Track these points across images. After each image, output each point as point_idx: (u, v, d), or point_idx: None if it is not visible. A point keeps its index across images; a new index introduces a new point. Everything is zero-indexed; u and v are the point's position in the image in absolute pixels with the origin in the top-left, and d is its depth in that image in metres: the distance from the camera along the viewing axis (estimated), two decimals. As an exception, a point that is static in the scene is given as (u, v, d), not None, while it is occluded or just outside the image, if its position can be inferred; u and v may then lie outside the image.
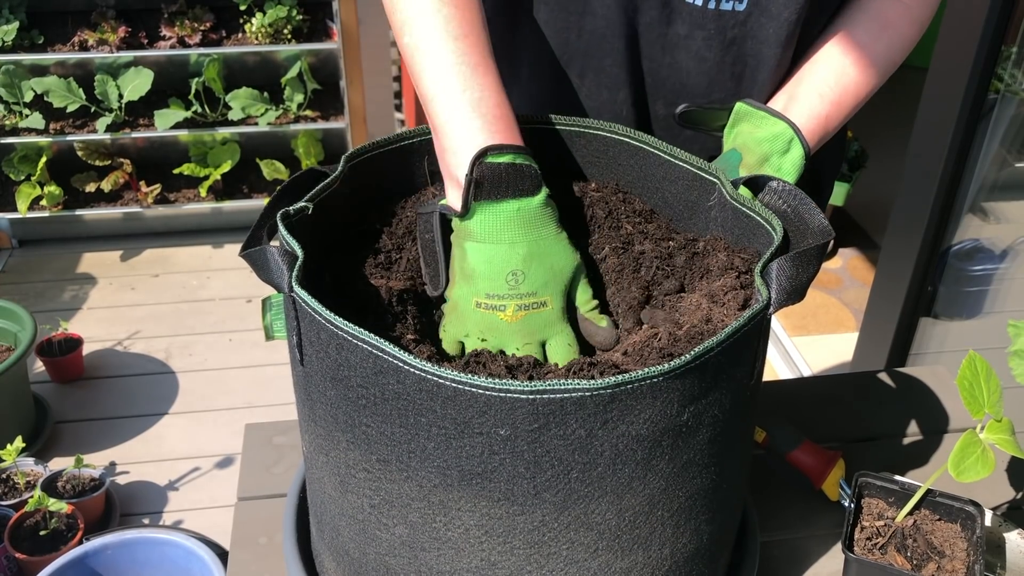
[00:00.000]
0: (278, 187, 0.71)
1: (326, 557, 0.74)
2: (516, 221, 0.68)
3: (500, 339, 0.70)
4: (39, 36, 2.84)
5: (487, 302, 0.69)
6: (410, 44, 0.73)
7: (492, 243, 0.68)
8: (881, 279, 1.99)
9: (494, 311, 0.69)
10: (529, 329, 0.70)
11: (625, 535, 0.61)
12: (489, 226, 0.68)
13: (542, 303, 0.70)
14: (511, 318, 0.69)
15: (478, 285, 0.69)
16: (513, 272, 0.68)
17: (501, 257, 0.68)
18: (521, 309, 0.69)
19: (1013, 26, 1.61)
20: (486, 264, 0.68)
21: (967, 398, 0.77)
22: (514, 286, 0.69)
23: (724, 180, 0.72)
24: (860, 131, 3.06)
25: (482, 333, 0.70)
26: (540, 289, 0.69)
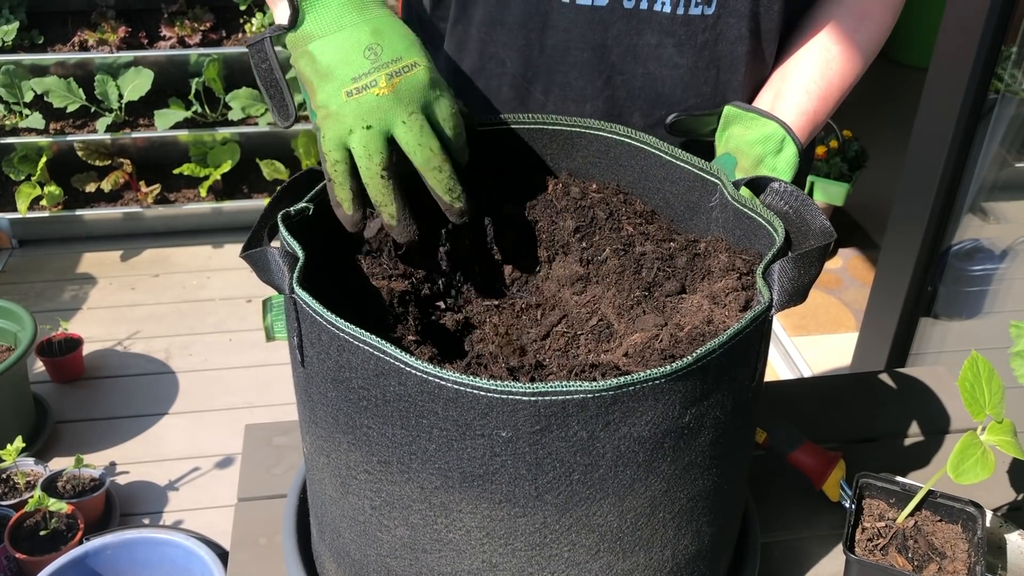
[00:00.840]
0: (278, 187, 0.70)
1: (327, 558, 0.74)
2: (349, 6, 0.67)
3: (384, 118, 0.66)
4: (39, 36, 2.84)
5: (355, 86, 0.66)
6: None
7: (335, 32, 0.66)
8: (881, 279, 1.99)
9: (366, 91, 0.65)
10: (409, 95, 0.66)
11: (627, 537, 0.61)
12: (325, 18, 0.66)
13: (412, 64, 0.67)
14: (386, 88, 0.65)
15: (339, 74, 0.66)
16: (368, 47, 0.66)
17: (350, 40, 0.66)
18: (393, 76, 0.66)
19: (1013, 26, 1.61)
20: (338, 52, 0.66)
21: (968, 399, 0.77)
22: (375, 59, 0.66)
23: (725, 181, 0.72)
24: (860, 131, 3.06)
25: (363, 120, 0.66)
26: (403, 53, 0.67)
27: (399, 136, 0.66)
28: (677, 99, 0.86)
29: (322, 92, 0.66)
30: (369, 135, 0.66)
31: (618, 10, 0.81)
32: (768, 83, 0.87)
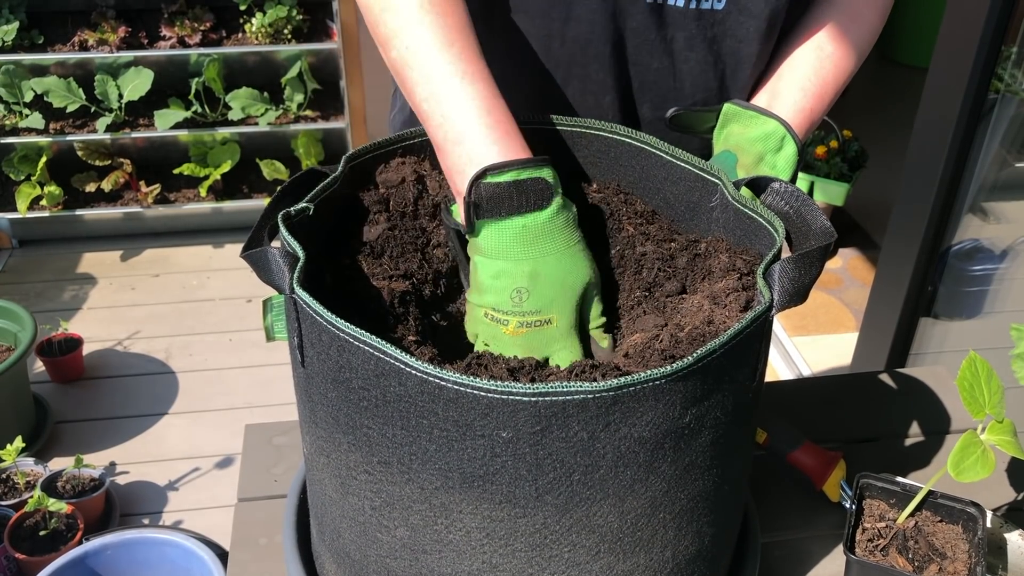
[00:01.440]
0: (278, 187, 0.70)
1: (326, 559, 0.74)
2: (521, 238, 0.68)
3: (501, 349, 0.70)
4: (39, 36, 2.84)
5: (492, 314, 0.69)
6: (398, 58, 0.73)
7: (497, 259, 0.68)
8: (881, 279, 1.99)
9: (497, 324, 0.70)
10: (530, 345, 0.70)
11: (627, 537, 0.61)
12: (494, 243, 0.68)
13: (546, 321, 0.70)
14: (512, 333, 0.70)
15: (485, 298, 0.70)
16: (517, 289, 0.69)
17: (506, 274, 0.68)
18: (523, 326, 0.69)
19: (1013, 26, 1.61)
20: (492, 280, 0.69)
21: (967, 399, 0.77)
22: (517, 303, 0.69)
23: (726, 181, 0.72)
24: (860, 131, 3.06)
25: (486, 340, 0.71)
26: (544, 307, 0.69)
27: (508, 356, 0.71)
28: (686, 93, 0.87)
29: (472, 296, 0.71)
30: (487, 348, 0.71)
31: (639, 3, 0.82)
32: (764, 83, 0.88)
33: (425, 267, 0.74)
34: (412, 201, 0.75)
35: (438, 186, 0.77)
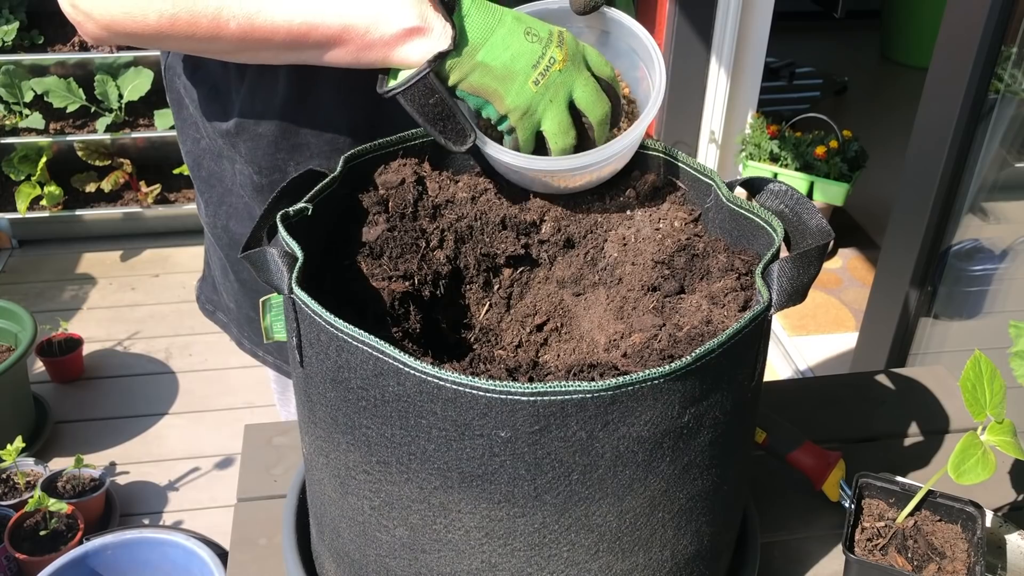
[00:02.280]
0: (278, 188, 0.70)
1: (326, 559, 0.74)
2: (483, 5, 0.67)
3: (567, 87, 0.69)
4: (39, 36, 2.84)
5: (539, 72, 0.68)
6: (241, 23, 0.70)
7: (492, 33, 0.67)
8: (881, 279, 1.99)
9: (550, 70, 0.68)
10: (577, 57, 0.69)
11: (626, 537, 0.61)
12: (478, 26, 0.67)
13: (560, 32, 0.70)
14: (563, 59, 0.68)
15: (520, 68, 0.67)
16: (526, 32, 0.68)
17: (511, 34, 0.67)
18: (560, 45, 0.68)
19: (1013, 26, 1.61)
20: (507, 49, 0.67)
21: (969, 400, 0.77)
22: (538, 38, 0.68)
23: (719, 182, 0.72)
24: (860, 131, 3.06)
25: (554, 99, 0.69)
26: (546, 25, 0.69)
27: (578, 97, 0.70)
28: None
29: (510, 94, 0.68)
30: (560, 113, 0.69)
31: None
32: None
33: (424, 268, 0.74)
34: (412, 202, 0.75)
35: (438, 187, 0.77)
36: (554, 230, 0.78)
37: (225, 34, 0.72)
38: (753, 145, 2.82)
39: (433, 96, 0.68)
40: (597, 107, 0.71)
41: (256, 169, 0.92)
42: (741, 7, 2.52)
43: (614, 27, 0.78)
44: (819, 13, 4.64)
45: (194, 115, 0.95)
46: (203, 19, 0.71)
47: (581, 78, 0.70)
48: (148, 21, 0.73)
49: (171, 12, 0.71)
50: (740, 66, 2.66)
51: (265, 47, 0.72)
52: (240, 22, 0.71)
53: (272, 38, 0.71)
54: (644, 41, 0.76)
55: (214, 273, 1.09)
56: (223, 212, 0.99)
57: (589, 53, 0.72)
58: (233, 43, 0.73)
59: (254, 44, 0.72)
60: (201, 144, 0.96)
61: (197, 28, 0.72)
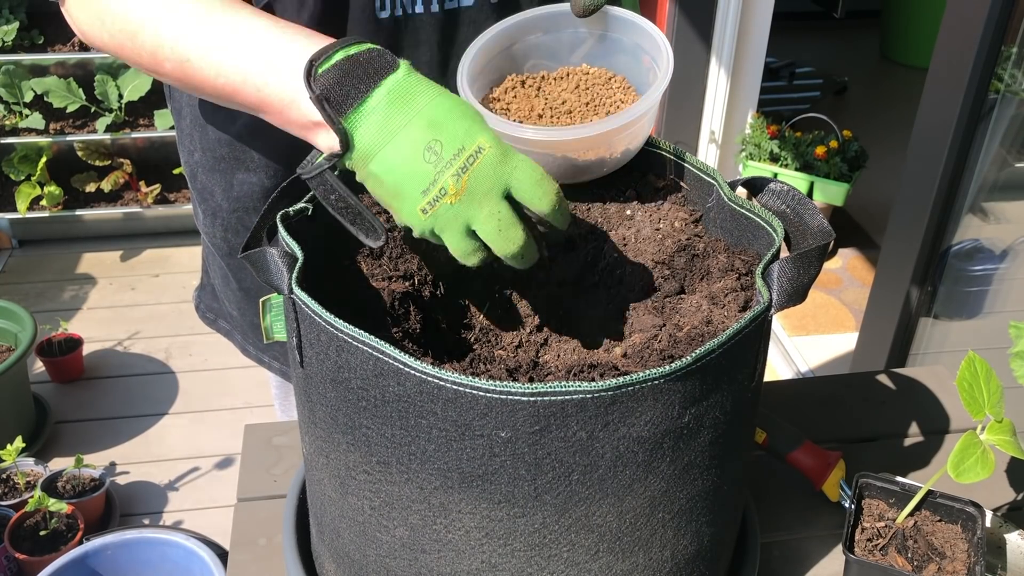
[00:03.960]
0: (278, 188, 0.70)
1: (326, 559, 0.74)
2: (395, 104, 0.60)
3: (462, 221, 0.60)
4: (39, 36, 2.84)
5: (427, 201, 0.60)
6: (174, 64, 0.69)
7: (389, 140, 0.60)
8: (881, 279, 1.99)
9: (438, 202, 0.60)
10: (482, 188, 0.60)
11: (626, 537, 0.61)
12: (373, 129, 0.60)
13: (477, 149, 0.60)
14: (456, 192, 0.59)
15: (409, 192, 0.60)
16: (427, 147, 0.59)
17: (407, 146, 0.59)
18: (461, 174, 0.59)
19: (1013, 26, 1.61)
20: (400, 165, 0.60)
21: (967, 399, 0.77)
22: (437, 159, 0.59)
23: (721, 182, 0.72)
24: (860, 131, 3.06)
25: (445, 231, 0.61)
26: (465, 140, 0.60)
27: (479, 232, 0.61)
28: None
29: (402, 213, 0.62)
30: (456, 241, 0.61)
31: None
32: None
33: (424, 268, 0.74)
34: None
35: None
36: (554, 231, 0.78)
37: (163, 71, 0.71)
38: (753, 145, 2.82)
39: (333, 193, 0.63)
40: (498, 244, 0.62)
41: (270, 174, 0.93)
42: (741, 7, 2.52)
43: (617, 25, 0.78)
44: (819, 13, 4.65)
45: (189, 128, 0.95)
46: (143, 52, 0.71)
47: (482, 213, 0.60)
48: (104, 40, 0.74)
49: (117, 40, 0.72)
50: (740, 66, 2.66)
51: (202, 94, 0.71)
52: (173, 65, 0.70)
53: (203, 88, 0.70)
54: (648, 30, 0.75)
55: (214, 281, 1.09)
56: (218, 224, 0.99)
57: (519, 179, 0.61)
58: (175, 81, 0.72)
59: (192, 88, 0.71)
60: (195, 157, 0.97)
61: (140, 59, 0.72)
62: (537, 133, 0.69)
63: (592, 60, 0.79)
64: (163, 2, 0.69)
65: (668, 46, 0.73)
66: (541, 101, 0.76)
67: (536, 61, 0.79)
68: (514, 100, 0.76)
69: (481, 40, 0.76)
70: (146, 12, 0.69)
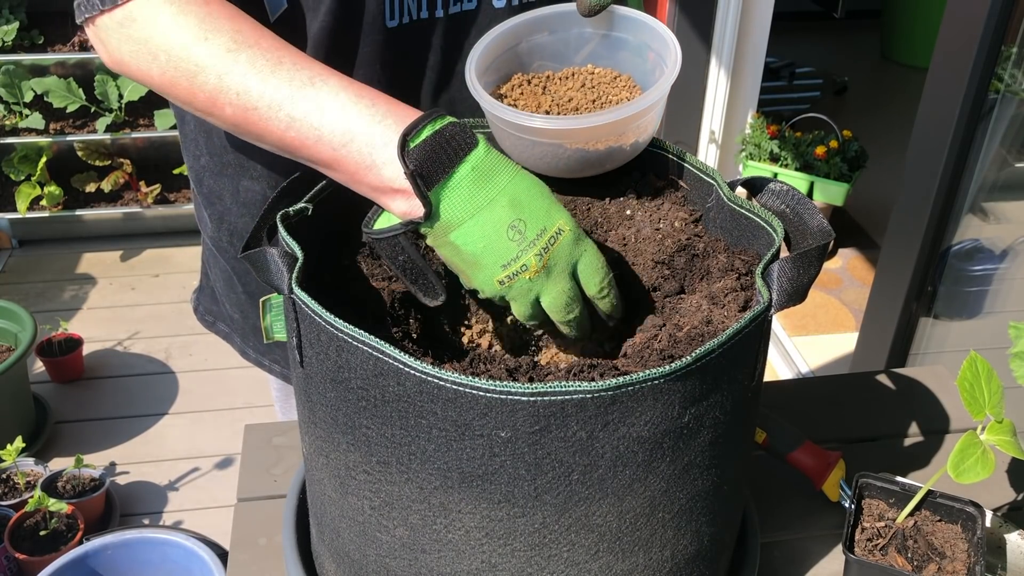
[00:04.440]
0: (278, 187, 0.70)
1: (326, 559, 0.74)
2: (479, 179, 0.62)
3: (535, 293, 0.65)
4: (39, 36, 2.84)
5: (506, 274, 0.64)
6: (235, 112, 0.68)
7: (472, 216, 0.62)
8: (881, 279, 1.99)
9: (518, 276, 0.64)
10: (559, 267, 0.65)
11: (626, 537, 0.61)
12: (458, 204, 0.62)
13: (558, 231, 0.64)
14: (537, 269, 0.64)
15: (488, 263, 0.63)
16: (511, 226, 0.63)
17: (491, 223, 0.63)
18: (543, 253, 0.63)
19: (1013, 26, 1.61)
20: (482, 239, 0.63)
21: (967, 399, 0.77)
22: (521, 238, 0.63)
23: (720, 182, 0.72)
24: (860, 131, 3.06)
25: (512, 300, 0.66)
26: (547, 220, 0.64)
27: (545, 303, 0.66)
28: None
29: (475, 279, 0.65)
30: (524, 309, 0.66)
31: None
32: None
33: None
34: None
35: None
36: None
37: (221, 115, 0.70)
38: (753, 145, 2.82)
39: (403, 255, 0.65)
40: (560, 316, 0.66)
41: (271, 184, 0.93)
42: (741, 7, 2.52)
43: (623, 24, 0.78)
44: (819, 13, 4.65)
45: (194, 133, 0.95)
46: (201, 93, 0.70)
47: (555, 289, 0.65)
48: (151, 74, 0.72)
49: (171, 75, 0.70)
50: (740, 66, 2.66)
51: (261, 142, 0.71)
52: (235, 110, 0.69)
53: (264, 137, 0.69)
54: (654, 27, 0.75)
55: (215, 284, 1.09)
56: (225, 228, 0.99)
57: (585, 262, 0.66)
58: (231, 126, 0.71)
59: (250, 136, 0.71)
60: (201, 161, 0.96)
61: (195, 99, 0.71)
62: (547, 122, 0.69)
63: (597, 60, 0.79)
64: (228, 46, 0.68)
65: (675, 41, 0.73)
66: (548, 98, 0.76)
67: (541, 62, 0.79)
68: (521, 97, 0.77)
69: (487, 38, 0.76)
70: (210, 54, 0.68)
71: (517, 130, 0.71)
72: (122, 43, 0.72)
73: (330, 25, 0.82)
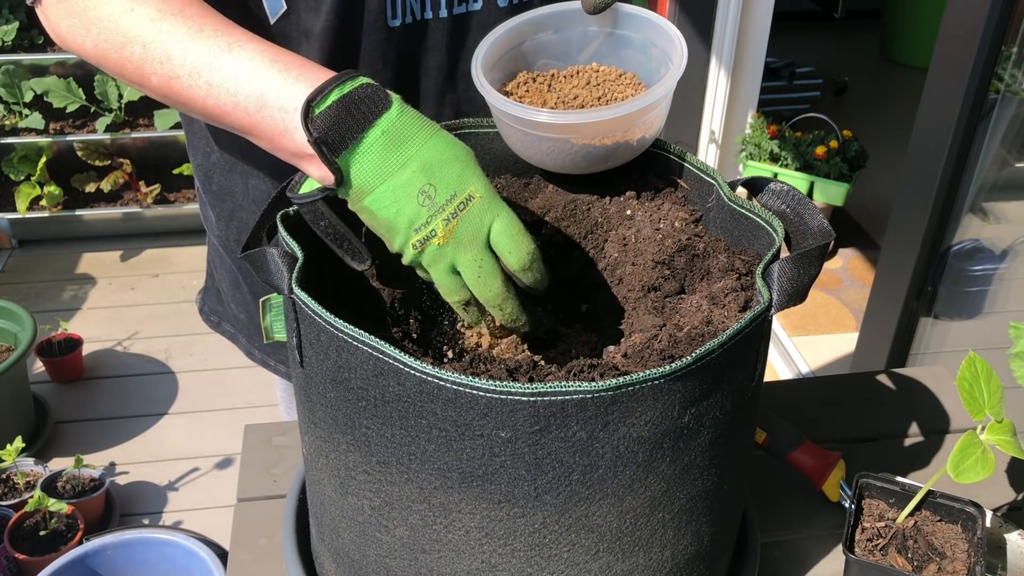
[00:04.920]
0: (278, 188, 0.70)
1: (326, 559, 0.74)
2: (389, 144, 0.62)
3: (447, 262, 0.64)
4: (39, 36, 2.84)
5: (417, 239, 0.63)
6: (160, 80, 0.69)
7: (383, 181, 0.62)
8: (881, 279, 1.99)
9: (428, 242, 0.63)
10: (468, 235, 0.64)
11: (626, 537, 0.61)
12: (369, 169, 0.62)
13: (467, 198, 0.63)
14: (445, 235, 0.63)
15: (401, 227, 0.63)
16: (421, 190, 0.62)
17: (402, 187, 0.62)
18: (451, 220, 0.63)
19: (1013, 26, 1.61)
20: (393, 203, 0.62)
21: (967, 399, 0.77)
22: (431, 203, 0.62)
23: (721, 182, 0.72)
24: (860, 131, 3.06)
25: (433, 267, 0.65)
26: (458, 185, 0.63)
27: (462, 274, 0.65)
28: None
29: (394, 243, 0.65)
30: (440, 277, 0.65)
31: None
32: None
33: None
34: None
35: None
36: (554, 231, 0.78)
37: (149, 85, 0.71)
38: (753, 145, 2.82)
39: (324, 219, 0.65)
40: (478, 291, 0.66)
41: (276, 182, 0.93)
42: (741, 7, 2.52)
43: (627, 21, 0.78)
44: (819, 13, 4.65)
45: (204, 128, 0.95)
46: (129, 64, 0.70)
47: (465, 257, 0.64)
48: (85, 47, 0.73)
49: (103, 47, 0.71)
50: (740, 66, 2.66)
51: (189, 110, 0.71)
52: (160, 79, 0.69)
53: (190, 105, 0.70)
54: (659, 24, 0.75)
55: (220, 284, 1.09)
56: (234, 227, 0.99)
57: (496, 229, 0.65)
58: (159, 96, 0.72)
59: (177, 104, 0.71)
60: (211, 158, 0.96)
61: (124, 70, 0.71)
62: (553, 116, 0.69)
63: (601, 58, 0.79)
64: (152, 16, 0.69)
65: (680, 37, 0.73)
66: (553, 96, 0.76)
67: (546, 60, 0.79)
68: (526, 95, 0.77)
69: (492, 36, 0.76)
70: (136, 24, 0.69)
71: (523, 125, 0.71)
72: (60, 18, 0.73)
73: (332, 25, 0.82)
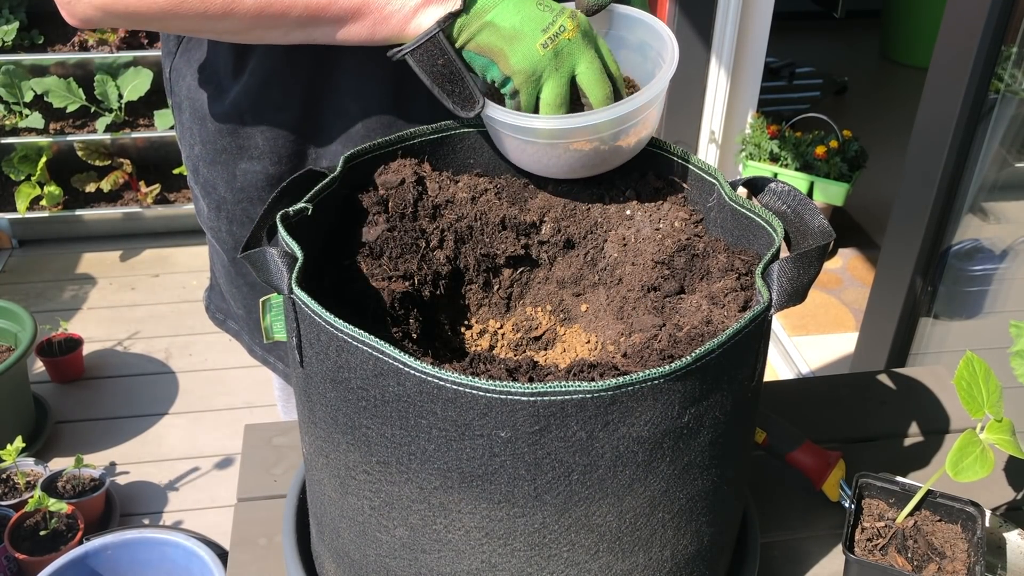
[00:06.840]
0: (282, 175, 0.70)
1: (326, 559, 0.74)
2: None
3: (572, 60, 0.69)
4: (39, 36, 2.84)
5: (547, 36, 0.68)
6: None
7: None
8: (881, 279, 1.99)
9: (559, 37, 0.68)
10: (588, 34, 0.70)
11: (626, 537, 0.61)
12: None
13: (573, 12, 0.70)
14: (573, 30, 0.69)
15: (528, 31, 0.68)
16: (538, 2, 0.68)
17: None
18: (573, 17, 0.69)
19: (1013, 26, 1.61)
20: (518, 12, 0.68)
21: (965, 399, 0.77)
22: (550, 7, 0.68)
23: (722, 181, 0.72)
24: (860, 131, 3.06)
25: (557, 66, 0.69)
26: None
27: (581, 73, 0.70)
28: None
29: (515, 54, 0.68)
30: (561, 83, 0.69)
31: None
32: None
33: (424, 268, 0.74)
34: (411, 203, 0.75)
35: (438, 188, 0.77)
36: (554, 231, 0.78)
37: (240, 10, 0.71)
38: (753, 145, 2.82)
39: (442, 57, 0.69)
40: (598, 87, 0.71)
41: (274, 160, 0.93)
42: (741, 7, 2.52)
43: (623, 23, 0.78)
44: (819, 13, 4.65)
45: (189, 121, 0.95)
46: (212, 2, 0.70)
47: (588, 54, 0.70)
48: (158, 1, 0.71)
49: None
50: (740, 66, 2.66)
51: (279, 23, 0.72)
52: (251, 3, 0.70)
53: (288, 13, 0.71)
54: (652, 25, 0.75)
55: (219, 281, 1.09)
56: (223, 217, 0.99)
57: (600, 41, 0.72)
58: (247, 20, 0.72)
59: (268, 21, 0.71)
60: (195, 151, 0.97)
61: (210, 4, 0.71)
62: (547, 122, 0.69)
63: None
64: None
65: (672, 36, 0.74)
66: None
67: None
68: None
69: None
70: None
71: (517, 132, 0.71)
72: None
73: None
